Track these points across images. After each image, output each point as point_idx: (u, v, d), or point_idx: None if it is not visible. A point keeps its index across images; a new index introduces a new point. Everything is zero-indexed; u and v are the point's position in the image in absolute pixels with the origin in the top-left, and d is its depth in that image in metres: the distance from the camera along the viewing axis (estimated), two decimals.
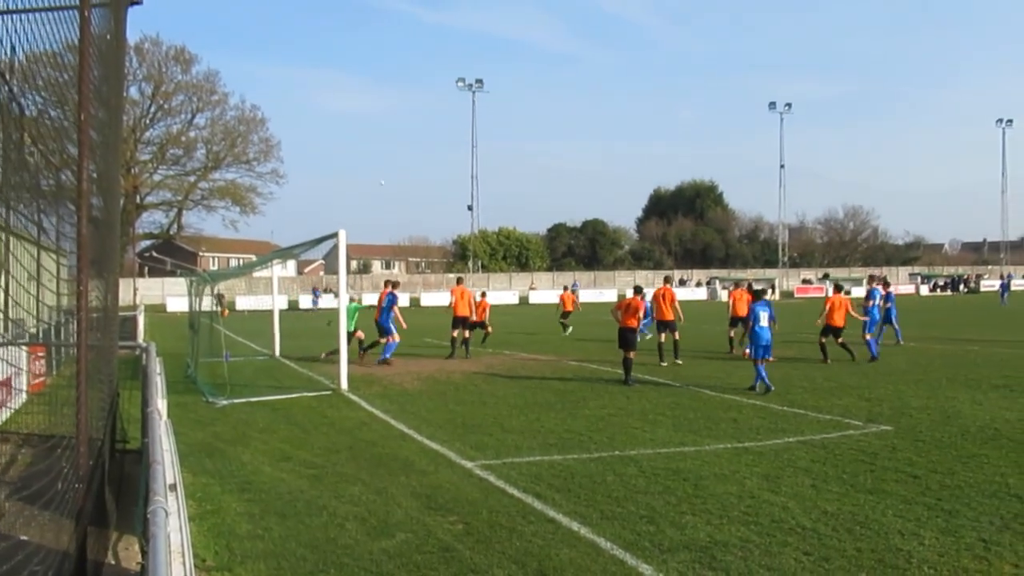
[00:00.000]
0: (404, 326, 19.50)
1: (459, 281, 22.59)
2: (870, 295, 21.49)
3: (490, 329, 23.92)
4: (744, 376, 15.88)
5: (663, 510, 7.14)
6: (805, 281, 77.46)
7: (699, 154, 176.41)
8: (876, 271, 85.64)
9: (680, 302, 19.95)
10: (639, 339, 16.34)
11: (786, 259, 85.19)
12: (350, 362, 16.05)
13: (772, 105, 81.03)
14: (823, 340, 18.60)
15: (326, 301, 54.66)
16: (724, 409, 12.33)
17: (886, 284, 22.75)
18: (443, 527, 6.76)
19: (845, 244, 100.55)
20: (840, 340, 18.37)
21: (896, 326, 22.23)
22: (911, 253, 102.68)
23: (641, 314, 16.23)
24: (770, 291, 64.81)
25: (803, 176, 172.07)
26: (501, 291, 68.46)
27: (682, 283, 76.44)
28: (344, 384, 14.99)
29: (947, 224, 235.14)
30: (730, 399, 13.26)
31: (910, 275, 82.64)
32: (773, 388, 13.80)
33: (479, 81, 76.94)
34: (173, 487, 3.99)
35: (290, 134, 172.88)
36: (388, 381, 15.96)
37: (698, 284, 75.13)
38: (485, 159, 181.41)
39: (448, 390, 14.77)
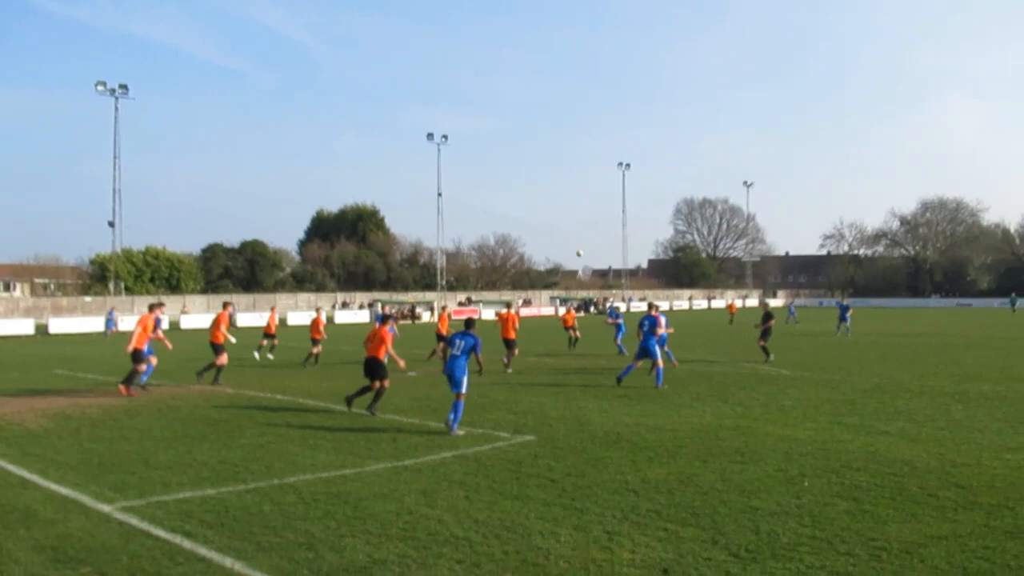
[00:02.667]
0: (170, 347, 19.87)
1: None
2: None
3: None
4: (403, 396, 16.32)
5: (322, 535, 7.07)
6: (461, 304, 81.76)
7: (361, 179, 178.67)
8: (524, 294, 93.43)
9: (340, 325, 20.44)
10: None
11: (444, 283, 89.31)
12: None
13: (430, 136, 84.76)
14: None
15: None
16: (384, 430, 12.55)
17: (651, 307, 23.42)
18: None
19: (496, 269, 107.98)
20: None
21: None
22: (551, 278, 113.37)
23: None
24: (429, 313, 66.79)
25: (459, 205, 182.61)
26: None
27: (344, 305, 76.53)
28: None
29: (581, 252, 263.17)
30: (390, 419, 13.53)
31: (551, 298, 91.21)
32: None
33: (123, 87, 70.29)
34: None
35: None
36: (4, 421, 13.81)
37: (360, 306, 75.75)
38: (131, 172, 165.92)
39: (82, 427, 13.19)
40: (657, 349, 18.02)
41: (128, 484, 9.06)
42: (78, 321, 55.14)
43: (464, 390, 12.33)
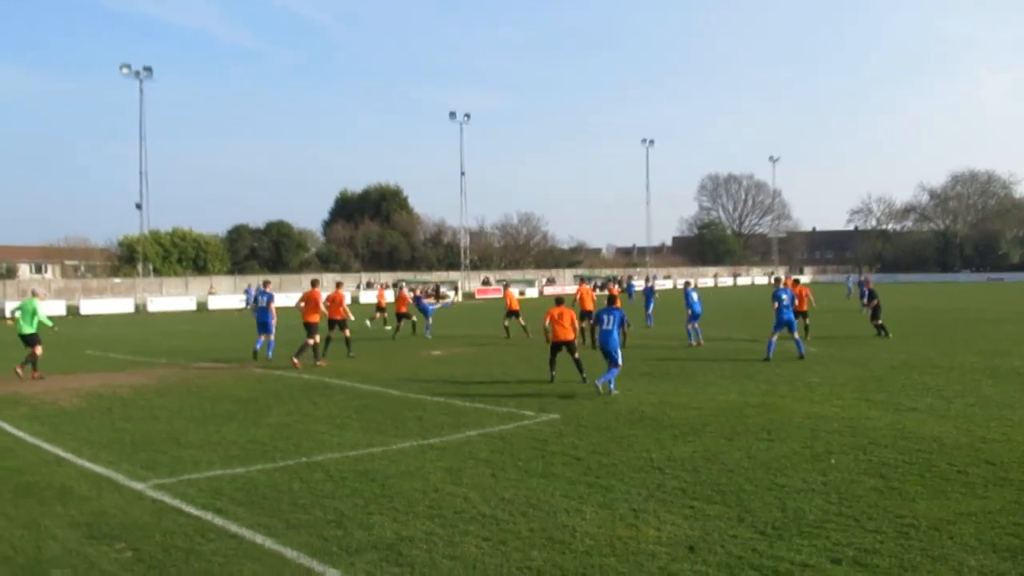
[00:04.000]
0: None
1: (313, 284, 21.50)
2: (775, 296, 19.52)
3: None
4: (428, 374, 16.44)
5: (351, 512, 7.16)
6: (484, 283, 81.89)
7: (384, 159, 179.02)
8: (547, 273, 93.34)
9: (365, 305, 21.15)
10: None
11: (467, 262, 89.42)
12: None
13: (452, 115, 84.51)
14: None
15: None
16: (410, 408, 12.65)
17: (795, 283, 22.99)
18: (108, 557, 6.15)
19: (520, 248, 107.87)
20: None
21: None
22: (575, 256, 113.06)
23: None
24: (453, 294, 67.12)
25: (482, 183, 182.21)
26: (176, 296, 63.71)
27: (369, 285, 76.90)
28: None
29: (604, 230, 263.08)
30: (416, 398, 13.63)
31: (574, 276, 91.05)
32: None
33: (147, 69, 70.63)
34: None
35: None
36: (38, 400, 14.10)
37: (384, 286, 76.13)
38: (157, 155, 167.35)
39: (114, 406, 13.43)
40: (795, 321, 18.82)
41: (160, 462, 9.22)
42: (108, 302, 56.03)
43: (620, 361, 13.74)
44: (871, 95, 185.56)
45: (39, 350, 16.98)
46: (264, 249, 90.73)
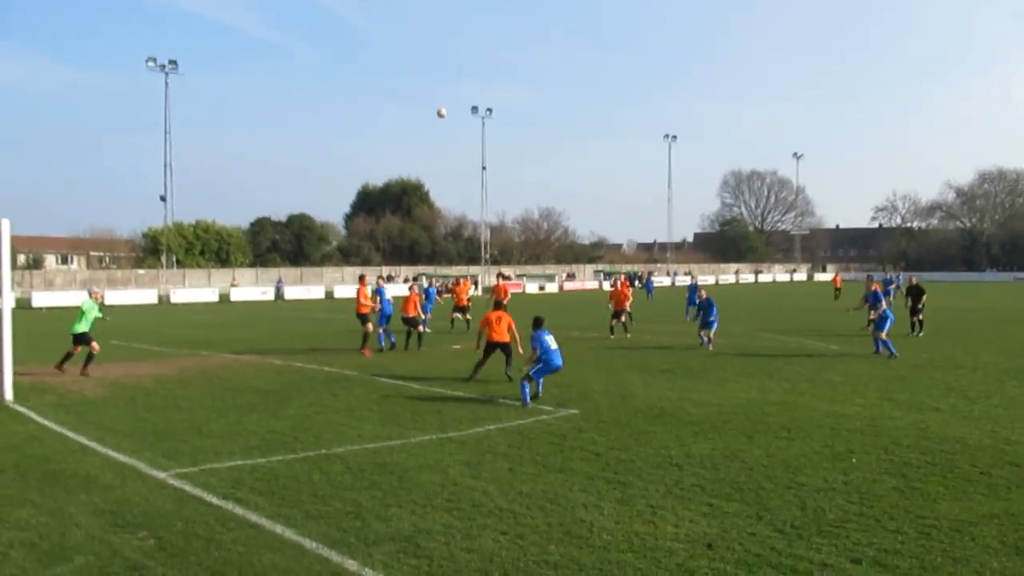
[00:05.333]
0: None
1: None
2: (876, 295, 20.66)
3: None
4: (446, 368, 16.47)
5: (369, 504, 7.20)
6: (505, 277, 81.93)
7: (406, 153, 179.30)
8: (567, 268, 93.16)
9: (391, 299, 21.86)
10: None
11: (488, 256, 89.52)
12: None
13: (475, 109, 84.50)
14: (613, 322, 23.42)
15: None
16: (430, 402, 12.69)
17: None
18: (131, 545, 6.23)
19: (540, 243, 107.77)
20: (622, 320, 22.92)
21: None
22: (596, 252, 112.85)
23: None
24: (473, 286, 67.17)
25: (503, 178, 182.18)
26: (199, 288, 64.28)
27: (390, 279, 77.17)
28: (8, 394, 13.15)
29: (625, 226, 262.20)
30: (435, 391, 13.67)
31: (595, 272, 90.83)
32: (528, 405, 12.16)
33: (172, 62, 71.35)
34: None
35: None
36: (64, 389, 14.30)
37: (405, 280, 76.40)
38: (181, 148, 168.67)
39: (137, 395, 13.59)
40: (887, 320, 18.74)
41: (182, 452, 9.32)
42: (132, 293, 56.60)
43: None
44: (897, 92, 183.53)
45: (96, 347, 16.57)
46: (286, 242, 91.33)
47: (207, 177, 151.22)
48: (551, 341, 12.87)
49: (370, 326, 20.05)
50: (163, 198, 73.33)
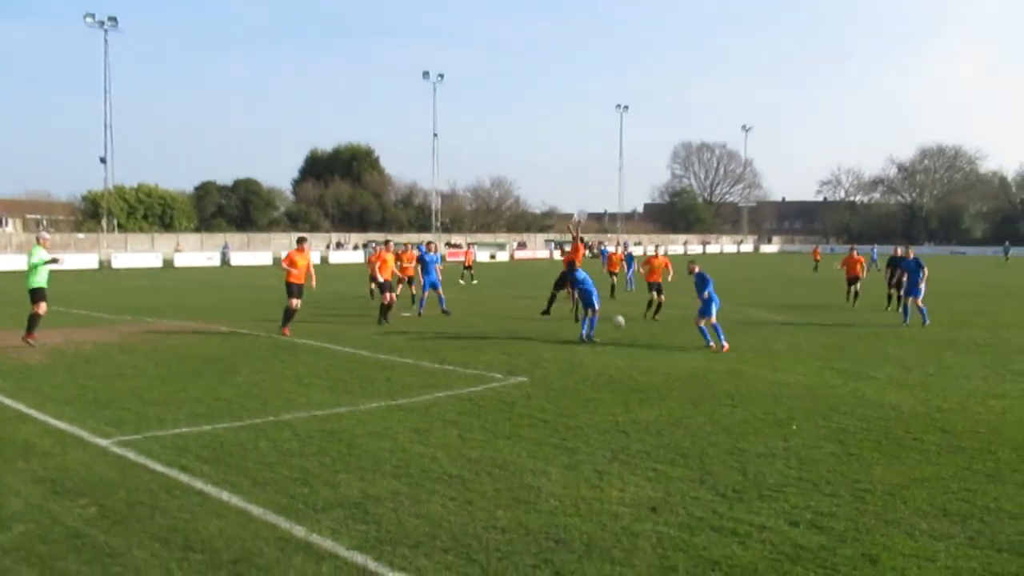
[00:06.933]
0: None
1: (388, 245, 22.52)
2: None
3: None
4: (396, 336, 16.42)
5: (317, 471, 7.18)
6: (453, 245, 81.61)
7: (355, 118, 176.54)
8: (519, 237, 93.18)
9: (334, 265, 21.07)
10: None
11: (439, 224, 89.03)
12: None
13: (426, 74, 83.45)
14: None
15: None
16: (379, 369, 12.65)
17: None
18: (72, 512, 6.12)
19: (491, 211, 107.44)
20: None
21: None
22: (547, 221, 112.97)
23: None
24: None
25: (454, 147, 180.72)
26: (142, 253, 62.75)
27: (339, 246, 76.37)
28: None
29: (576, 196, 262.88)
30: (385, 359, 13.63)
31: (545, 241, 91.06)
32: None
33: (112, 19, 68.74)
34: None
35: None
36: (0, 355, 13.88)
37: (355, 247, 75.60)
38: (122, 109, 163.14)
39: (78, 362, 13.27)
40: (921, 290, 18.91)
41: (124, 419, 9.15)
42: (72, 257, 54.86)
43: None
44: (845, 67, 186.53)
45: (42, 308, 14.98)
46: (232, 207, 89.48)
47: (149, 140, 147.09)
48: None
49: (389, 296, 19.65)
50: (103, 160, 71.00)
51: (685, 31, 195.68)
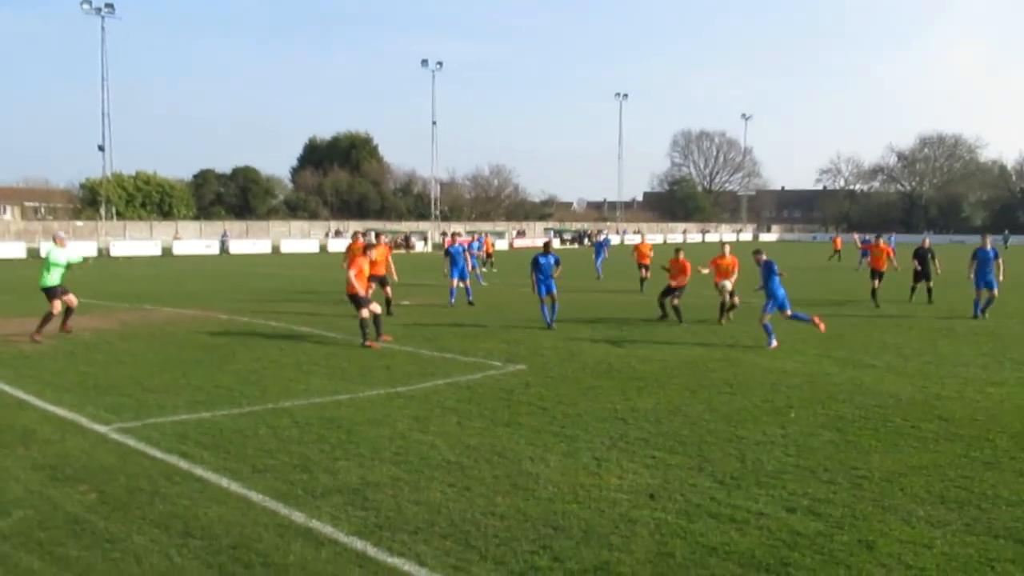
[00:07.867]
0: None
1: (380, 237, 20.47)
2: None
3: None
4: (395, 324, 16.42)
5: (317, 458, 7.20)
6: (454, 234, 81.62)
7: (355, 106, 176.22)
8: (518, 225, 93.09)
9: (333, 254, 20.66)
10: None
11: (438, 212, 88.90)
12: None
13: (424, 62, 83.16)
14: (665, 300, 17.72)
15: None
16: (378, 357, 12.66)
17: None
18: (72, 499, 6.14)
19: (491, 200, 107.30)
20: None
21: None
22: (546, 209, 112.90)
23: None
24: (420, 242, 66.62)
25: (454, 135, 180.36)
26: (141, 241, 62.65)
27: (338, 234, 76.23)
28: None
29: (576, 184, 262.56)
30: (384, 347, 13.64)
31: (545, 229, 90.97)
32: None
33: (109, 6, 68.40)
34: None
35: None
36: None
37: (354, 235, 75.52)
38: (121, 96, 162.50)
39: (77, 350, 13.28)
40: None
41: (124, 406, 9.17)
42: (71, 245, 54.81)
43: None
44: (845, 55, 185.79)
45: (57, 307, 14.59)
46: (231, 195, 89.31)
47: (148, 127, 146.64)
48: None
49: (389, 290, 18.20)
50: (101, 148, 70.88)
51: (685, 19, 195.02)
